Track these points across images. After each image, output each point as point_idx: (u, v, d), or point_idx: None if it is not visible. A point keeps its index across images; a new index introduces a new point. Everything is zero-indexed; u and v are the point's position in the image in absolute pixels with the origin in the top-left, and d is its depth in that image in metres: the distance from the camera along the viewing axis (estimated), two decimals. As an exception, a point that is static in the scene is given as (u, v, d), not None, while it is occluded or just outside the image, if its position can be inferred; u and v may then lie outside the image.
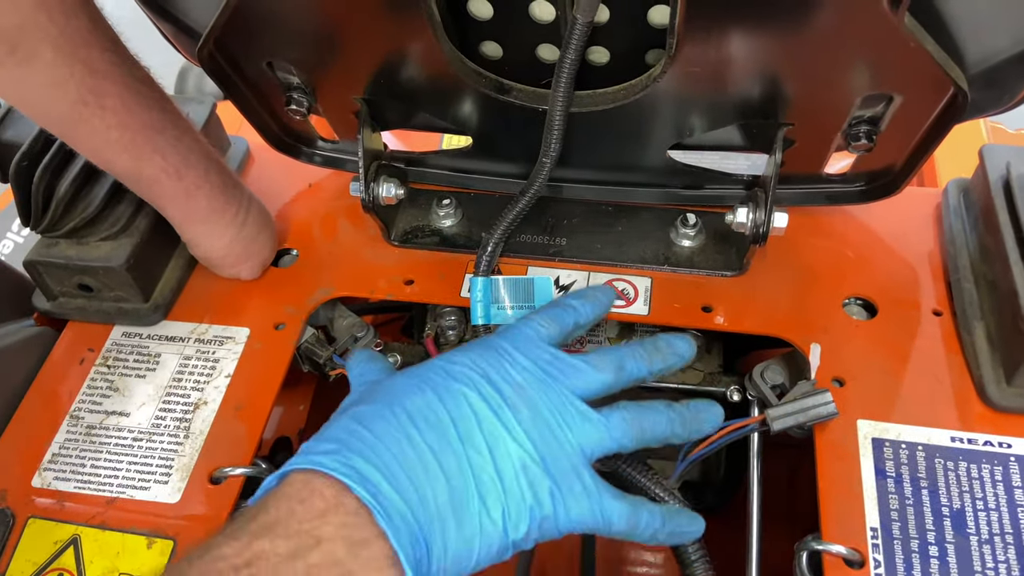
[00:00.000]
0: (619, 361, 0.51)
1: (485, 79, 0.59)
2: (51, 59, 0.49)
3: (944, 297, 0.63)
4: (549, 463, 0.46)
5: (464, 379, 0.48)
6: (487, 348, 0.50)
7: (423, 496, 0.43)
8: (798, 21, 0.47)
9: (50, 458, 0.59)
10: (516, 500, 0.45)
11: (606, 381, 0.50)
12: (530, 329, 0.51)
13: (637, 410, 0.50)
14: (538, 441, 0.46)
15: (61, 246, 0.63)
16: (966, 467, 0.53)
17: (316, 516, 0.41)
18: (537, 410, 0.47)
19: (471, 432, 0.46)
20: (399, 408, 0.46)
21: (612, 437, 0.48)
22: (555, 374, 0.49)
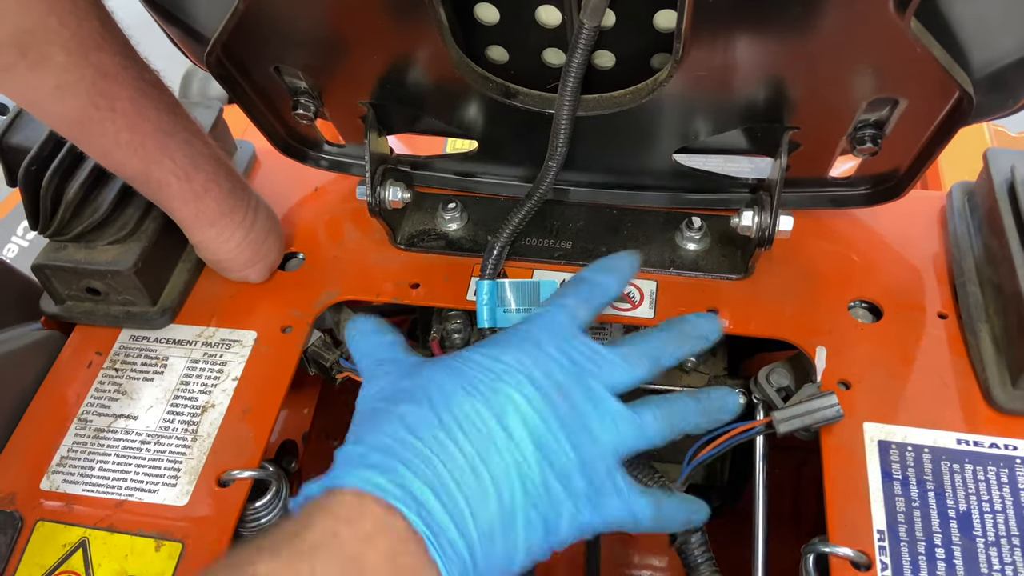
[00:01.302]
0: (653, 353, 0.50)
1: (491, 83, 0.59)
2: (62, 62, 0.49)
3: (949, 300, 0.63)
4: (588, 468, 0.45)
5: (509, 380, 0.46)
6: (526, 342, 0.48)
7: (476, 515, 0.42)
8: (804, 25, 0.47)
9: (58, 461, 0.59)
10: (557, 507, 0.44)
11: (640, 376, 0.49)
12: (564, 316, 0.50)
13: (666, 405, 0.49)
14: (579, 447, 0.45)
15: (69, 250, 0.64)
16: (972, 469, 0.53)
17: (363, 539, 0.39)
18: (579, 413, 0.46)
19: (519, 439, 0.44)
20: (448, 415, 0.44)
21: (645, 436, 0.48)
22: (593, 370, 0.48)
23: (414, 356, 0.51)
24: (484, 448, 0.43)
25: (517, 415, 0.44)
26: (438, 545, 0.40)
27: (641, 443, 0.48)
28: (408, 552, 0.39)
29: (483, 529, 0.42)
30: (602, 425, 0.46)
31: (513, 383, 0.45)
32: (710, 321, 0.53)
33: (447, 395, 0.45)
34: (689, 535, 0.57)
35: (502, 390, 0.45)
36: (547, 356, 0.47)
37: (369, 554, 0.38)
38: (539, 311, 0.51)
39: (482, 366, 0.46)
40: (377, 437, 0.43)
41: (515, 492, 0.43)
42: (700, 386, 0.70)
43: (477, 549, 0.41)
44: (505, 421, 0.44)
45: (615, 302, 0.64)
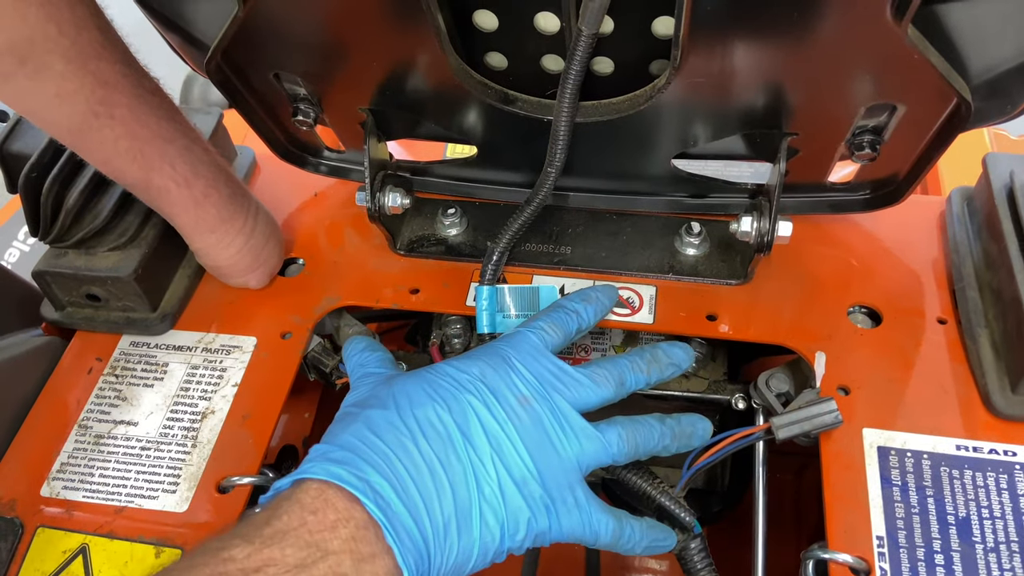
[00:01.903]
0: (620, 376, 0.53)
1: (490, 90, 0.59)
2: (61, 71, 0.50)
3: (948, 305, 0.63)
4: (547, 478, 0.48)
5: (473, 389, 0.49)
6: (494, 356, 0.51)
7: (431, 510, 0.45)
8: (802, 32, 0.47)
9: (59, 467, 0.59)
10: (514, 512, 0.47)
11: (606, 396, 0.52)
12: (535, 336, 0.53)
13: (632, 426, 0.52)
14: (538, 456, 0.48)
15: (69, 256, 0.64)
16: (971, 475, 0.53)
17: (327, 528, 0.42)
18: (539, 423, 0.49)
19: (478, 445, 0.47)
20: (410, 418, 0.47)
21: (608, 452, 0.50)
22: (559, 387, 0.51)
23: (396, 371, 0.56)
24: (442, 451, 0.47)
25: (477, 422, 0.48)
26: (394, 532, 0.43)
27: (604, 460, 0.51)
28: (367, 539, 0.42)
29: (438, 523, 0.45)
30: (564, 439, 0.49)
31: (476, 392, 0.49)
32: (683, 351, 0.57)
33: (412, 401, 0.49)
34: (689, 540, 0.57)
35: (464, 398, 0.49)
36: (513, 371, 0.51)
37: (332, 540, 0.42)
38: (512, 332, 0.54)
39: (449, 376, 0.50)
40: (343, 437, 0.47)
41: (472, 493, 0.46)
42: (700, 391, 0.70)
43: (431, 541, 0.45)
44: (465, 427, 0.48)
45: (615, 307, 0.65)
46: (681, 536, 0.57)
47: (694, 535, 0.57)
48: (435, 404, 0.48)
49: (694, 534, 0.57)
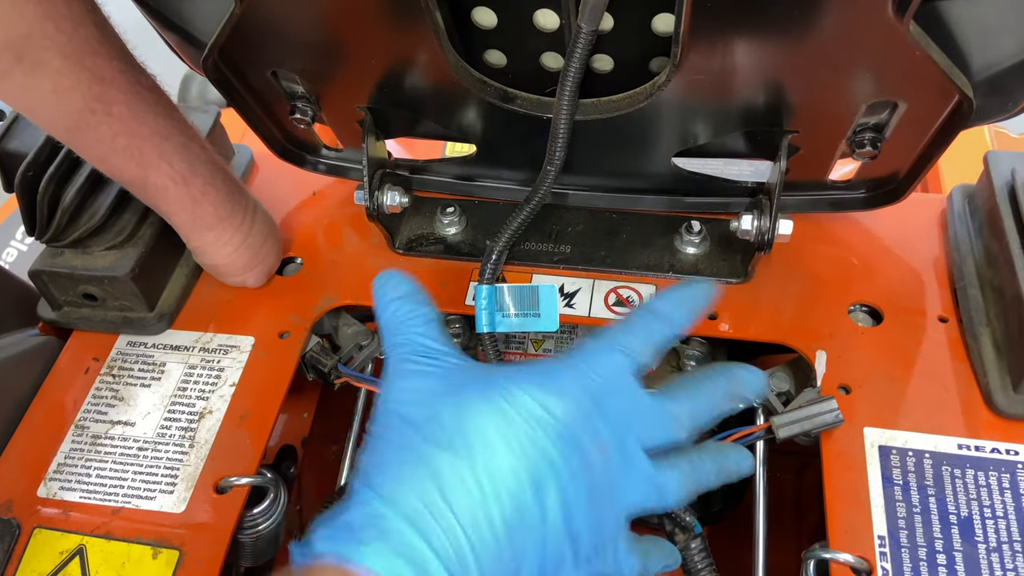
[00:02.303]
0: (699, 414, 0.46)
1: (489, 88, 0.59)
2: (58, 67, 0.49)
3: (950, 303, 0.63)
4: (599, 529, 0.42)
5: (556, 440, 0.41)
6: (581, 394, 0.42)
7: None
8: (803, 29, 0.47)
9: (55, 468, 0.59)
10: (559, 566, 0.41)
11: (680, 440, 0.45)
12: (626, 360, 0.44)
13: (691, 472, 0.46)
14: (599, 509, 0.42)
15: (66, 256, 0.63)
16: (973, 474, 0.53)
17: None
18: (609, 472, 0.42)
19: (552, 516, 0.40)
20: (488, 479, 0.39)
21: (663, 501, 0.44)
22: (635, 426, 0.44)
23: (452, 353, 0.45)
24: (515, 521, 0.39)
25: (555, 485, 0.40)
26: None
27: (656, 508, 0.44)
28: None
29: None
30: (626, 486, 0.43)
31: (559, 446, 0.40)
32: (759, 380, 0.48)
33: (487, 446, 0.40)
34: (690, 540, 0.56)
35: (547, 453, 0.40)
36: (600, 414, 0.42)
37: None
38: (599, 346, 0.45)
39: (532, 415, 0.41)
40: (403, 493, 0.39)
41: (531, 564, 0.40)
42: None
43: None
44: (541, 493, 0.40)
45: (614, 306, 0.64)
46: (682, 536, 0.57)
47: (695, 535, 0.57)
48: (514, 457, 0.39)
49: (695, 534, 0.57)
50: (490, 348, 0.62)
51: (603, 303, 0.65)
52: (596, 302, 0.65)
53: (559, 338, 0.73)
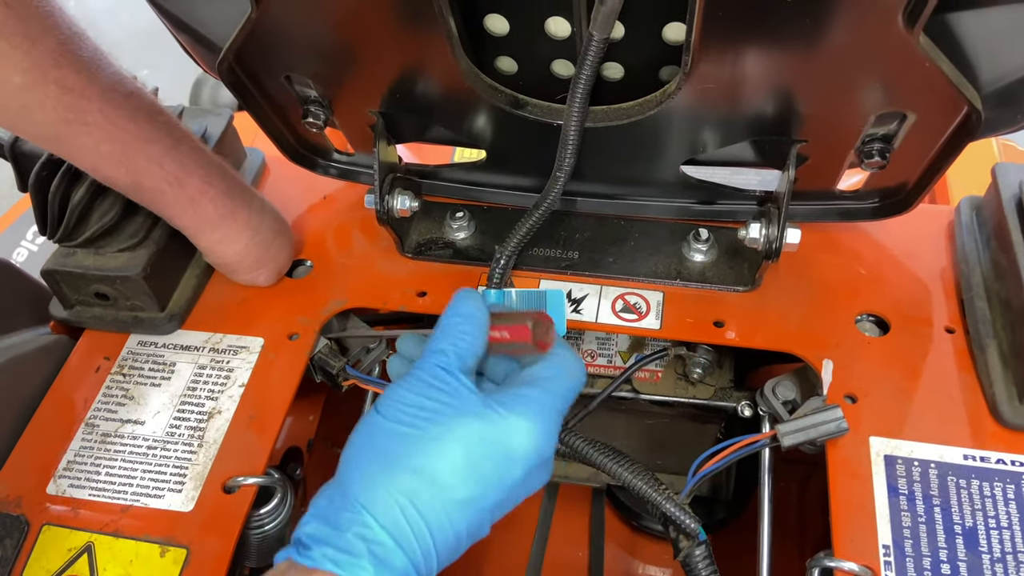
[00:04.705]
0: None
1: (501, 94, 0.59)
2: (21, 83, 0.50)
3: (957, 315, 0.63)
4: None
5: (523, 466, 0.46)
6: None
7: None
8: (813, 39, 0.47)
9: (65, 465, 0.59)
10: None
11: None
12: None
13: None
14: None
15: (78, 256, 0.64)
16: (978, 485, 0.53)
17: None
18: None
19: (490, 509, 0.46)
20: (453, 494, 0.44)
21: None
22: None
23: (467, 386, 0.47)
24: (470, 528, 0.45)
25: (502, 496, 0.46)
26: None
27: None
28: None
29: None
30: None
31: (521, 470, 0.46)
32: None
33: (460, 475, 0.44)
34: (694, 547, 0.57)
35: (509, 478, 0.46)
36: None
37: None
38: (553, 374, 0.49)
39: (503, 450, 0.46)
40: (387, 506, 0.43)
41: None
42: (706, 397, 0.70)
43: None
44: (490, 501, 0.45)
45: (622, 312, 0.65)
46: (686, 543, 0.57)
47: (699, 542, 0.57)
48: (478, 482, 0.45)
49: (699, 541, 0.57)
50: (497, 352, 0.62)
51: (610, 309, 0.65)
52: (604, 308, 0.65)
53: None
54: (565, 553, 0.91)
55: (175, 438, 0.60)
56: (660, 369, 0.71)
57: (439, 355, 0.47)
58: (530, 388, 0.47)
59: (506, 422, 0.45)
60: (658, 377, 0.71)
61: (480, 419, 0.45)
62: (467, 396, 0.46)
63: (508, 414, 0.46)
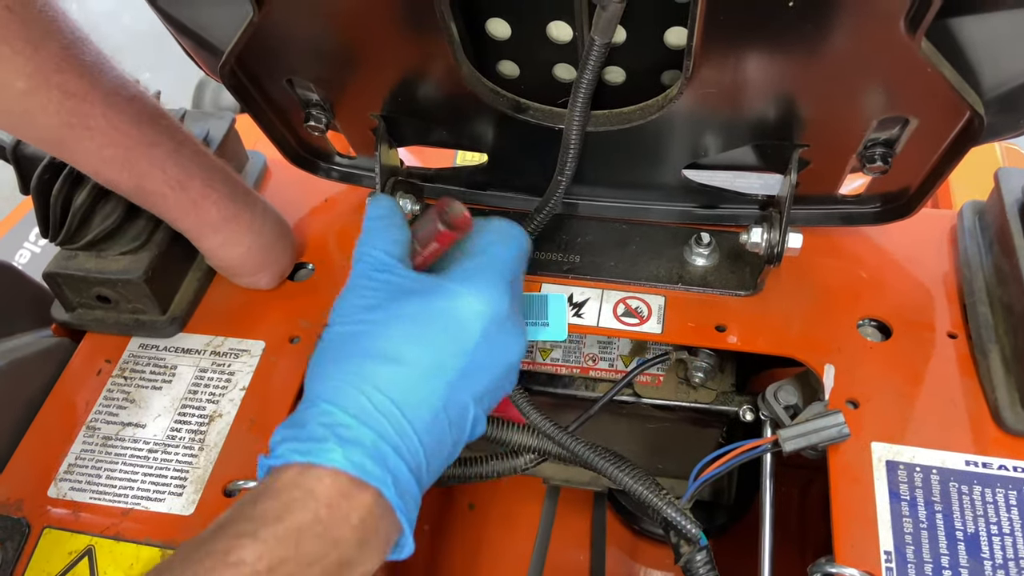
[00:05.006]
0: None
1: (502, 98, 0.59)
2: (23, 88, 0.50)
3: (959, 320, 0.63)
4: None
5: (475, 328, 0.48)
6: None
7: (432, 466, 0.46)
8: (815, 44, 0.47)
9: (66, 468, 0.59)
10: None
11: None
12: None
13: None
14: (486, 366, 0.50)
15: (80, 258, 0.64)
16: (980, 491, 0.53)
17: (341, 519, 0.42)
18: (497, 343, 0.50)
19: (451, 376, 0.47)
20: (413, 367, 0.46)
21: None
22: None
23: (399, 269, 0.50)
24: (442, 394, 0.46)
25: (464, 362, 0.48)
26: (404, 508, 0.44)
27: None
28: (373, 518, 0.43)
29: (436, 470, 0.47)
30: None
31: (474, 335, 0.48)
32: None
33: (416, 347, 0.46)
34: (695, 553, 0.56)
35: (465, 339, 0.48)
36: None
37: (344, 529, 0.42)
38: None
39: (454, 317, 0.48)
40: (348, 395, 0.45)
41: (464, 427, 0.48)
42: (708, 401, 0.70)
43: (426, 482, 0.46)
44: (455, 368, 0.47)
45: (623, 316, 0.65)
46: (687, 548, 0.57)
47: (700, 547, 0.57)
48: (431, 348, 0.47)
49: (700, 546, 0.57)
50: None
51: (612, 313, 0.65)
52: (605, 312, 0.65)
53: (567, 347, 0.73)
54: (566, 556, 0.91)
55: (176, 441, 0.60)
56: (662, 373, 0.71)
57: (366, 257, 0.51)
58: (465, 259, 0.51)
59: (446, 288, 0.48)
60: (659, 381, 0.71)
61: (419, 294, 0.48)
62: (402, 280, 0.49)
63: (446, 282, 0.49)
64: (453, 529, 0.95)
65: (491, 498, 0.97)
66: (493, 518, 0.96)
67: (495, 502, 0.97)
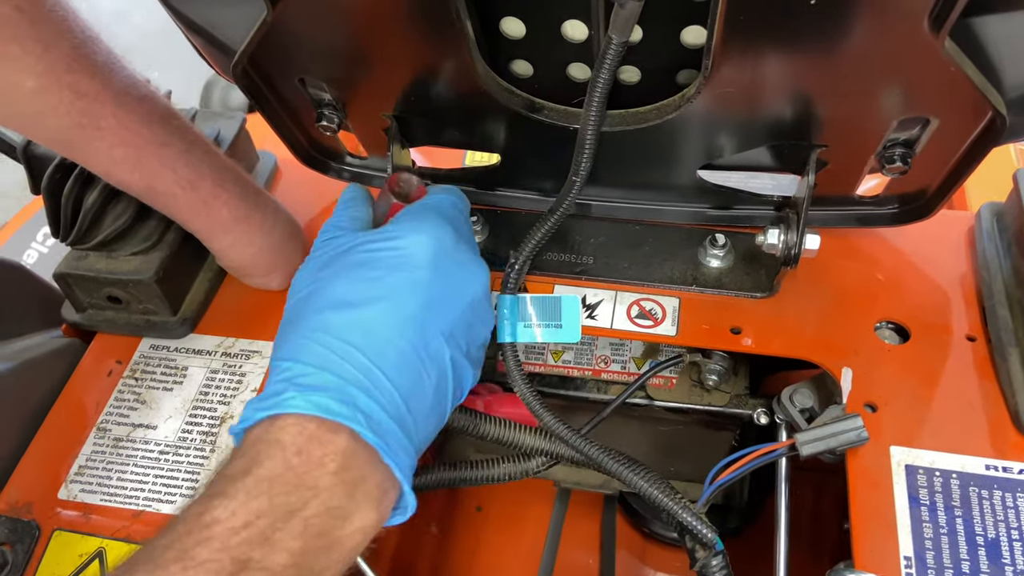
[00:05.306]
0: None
1: (517, 98, 0.59)
2: (34, 88, 0.50)
3: (978, 322, 0.62)
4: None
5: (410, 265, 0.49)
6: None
7: (414, 409, 0.45)
8: (837, 43, 0.47)
9: (76, 470, 0.59)
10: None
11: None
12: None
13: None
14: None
15: (91, 259, 0.64)
16: (1001, 496, 0.52)
17: (315, 466, 0.40)
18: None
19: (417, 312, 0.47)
20: (365, 310, 0.46)
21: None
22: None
23: (346, 231, 0.53)
24: (419, 340, 0.46)
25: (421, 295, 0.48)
26: (389, 451, 0.42)
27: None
28: (357, 464, 0.41)
29: (420, 415, 0.46)
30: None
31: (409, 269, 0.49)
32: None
33: (358, 292, 0.47)
34: (711, 557, 0.56)
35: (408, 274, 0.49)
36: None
37: (322, 477, 0.40)
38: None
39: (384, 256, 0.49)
40: (305, 348, 0.44)
41: (446, 370, 0.48)
42: (721, 404, 0.69)
43: (419, 436, 0.46)
44: (409, 305, 0.47)
45: (637, 318, 0.64)
46: (703, 553, 0.56)
47: (716, 552, 0.56)
48: (372, 284, 0.47)
49: (716, 551, 0.56)
50: (511, 358, 0.61)
51: (626, 315, 0.64)
52: (619, 314, 0.65)
53: (579, 349, 0.72)
54: (576, 558, 0.90)
55: (187, 443, 0.59)
56: (675, 376, 0.71)
57: (322, 232, 0.53)
58: (404, 212, 0.53)
59: (386, 232, 0.50)
60: (672, 384, 0.71)
61: (361, 247, 0.49)
62: (349, 239, 0.51)
63: (387, 230, 0.50)
64: (461, 531, 0.94)
65: (499, 500, 0.96)
66: (501, 521, 0.95)
67: (503, 504, 0.96)
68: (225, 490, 0.39)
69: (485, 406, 0.64)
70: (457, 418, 0.59)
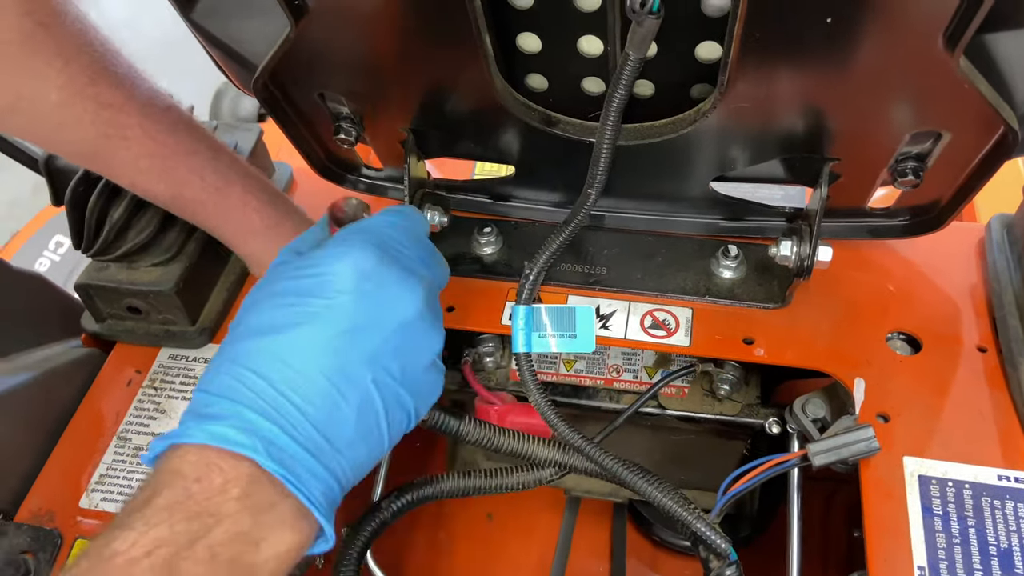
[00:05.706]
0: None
1: (533, 112, 0.59)
2: (57, 100, 0.51)
3: (988, 333, 0.62)
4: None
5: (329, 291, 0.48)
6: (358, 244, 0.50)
7: (332, 437, 0.43)
8: (852, 59, 0.47)
9: (97, 479, 0.59)
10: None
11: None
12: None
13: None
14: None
15: (112, 270, 0.65)
16: (1013, 506, 0.53)
17: (216, 493, 0.40)
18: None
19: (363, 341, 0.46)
20: (274, 341, 0.44)
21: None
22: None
23: (289, 260, 0.50)
24: (336, 369, 0.44)
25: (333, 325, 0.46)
26: (295, 478, 0.41)
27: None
28: (262, 490, 0.41)
29: (340, 446, 0.44)
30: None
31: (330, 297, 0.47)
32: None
33: (270, 322, 0.46)
34: (724, 568, 0.56)
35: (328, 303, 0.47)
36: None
37: (224, 503, 0.39)
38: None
39: (327, 281, 0.47)
40: (217, 380, 0.44)
41: (374, 399, 0.46)
42: (733, 414, 0.70)
43: (337, 468, 0.44)
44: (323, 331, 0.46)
45: (650, 329, 0.65)
46: (716, 563, 0.56)
47: (730, 562, 0.56)
48: (281, 312, 0.46)
49: (730, 561, 0.56)
50: (526, 368, 0.62)
51: (639, 325, 0.65)
52: (632, 324, 0.65)
53: (591, 359, 0.73)
54: (586, 567, 0.91)
55: (207, 452, 0.60)
56: (687, 385, 0.71)
57: (275, 260, 0.51)
58: (333, 238, 0.51)
59: (309, 260, 0.48)
60: (684, 393, 0.71)
61: (286, 274, 0.48)
62: (283, 264, 0.49)
63: (312, 255, 0.48)
64: (471, 539, 0.94)
65: (509, 508, 0.97)
66: (511, 528, 0.95)
67: (513, 512, 0.96)
68: (125, 521, 0.38)
69: (498, 417, 0.65)
70: (471, 431, 0.60)
